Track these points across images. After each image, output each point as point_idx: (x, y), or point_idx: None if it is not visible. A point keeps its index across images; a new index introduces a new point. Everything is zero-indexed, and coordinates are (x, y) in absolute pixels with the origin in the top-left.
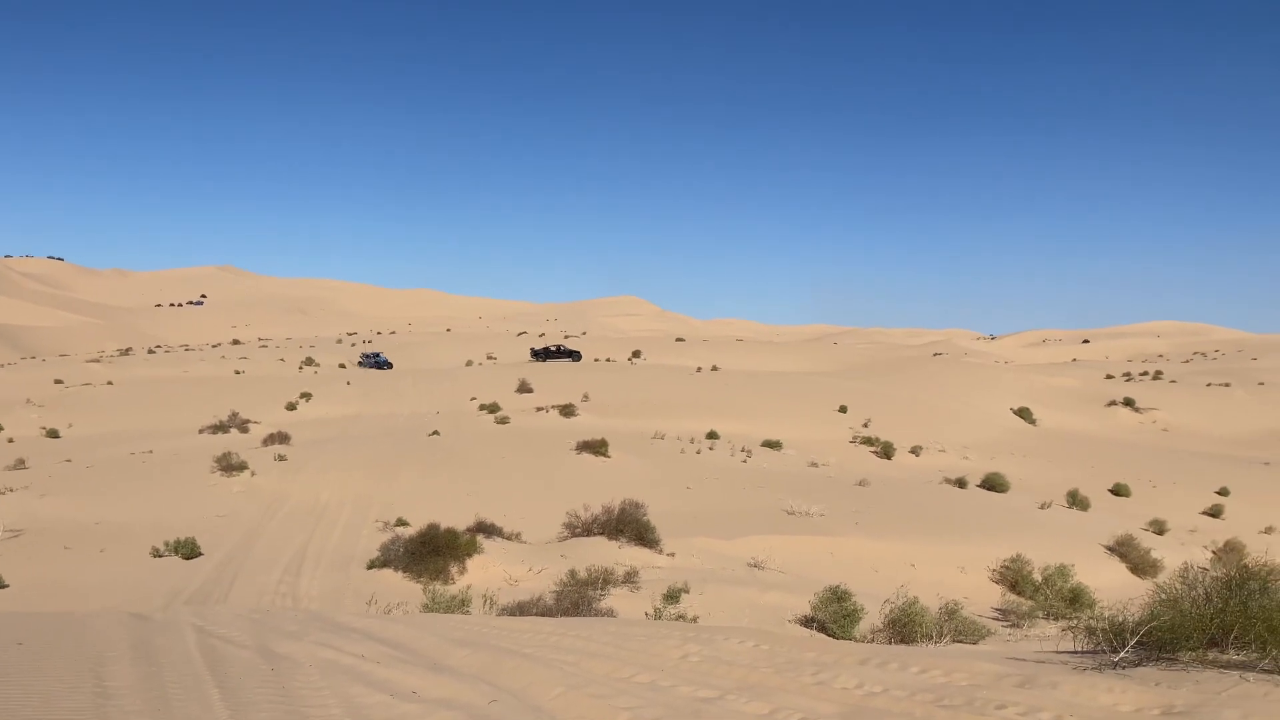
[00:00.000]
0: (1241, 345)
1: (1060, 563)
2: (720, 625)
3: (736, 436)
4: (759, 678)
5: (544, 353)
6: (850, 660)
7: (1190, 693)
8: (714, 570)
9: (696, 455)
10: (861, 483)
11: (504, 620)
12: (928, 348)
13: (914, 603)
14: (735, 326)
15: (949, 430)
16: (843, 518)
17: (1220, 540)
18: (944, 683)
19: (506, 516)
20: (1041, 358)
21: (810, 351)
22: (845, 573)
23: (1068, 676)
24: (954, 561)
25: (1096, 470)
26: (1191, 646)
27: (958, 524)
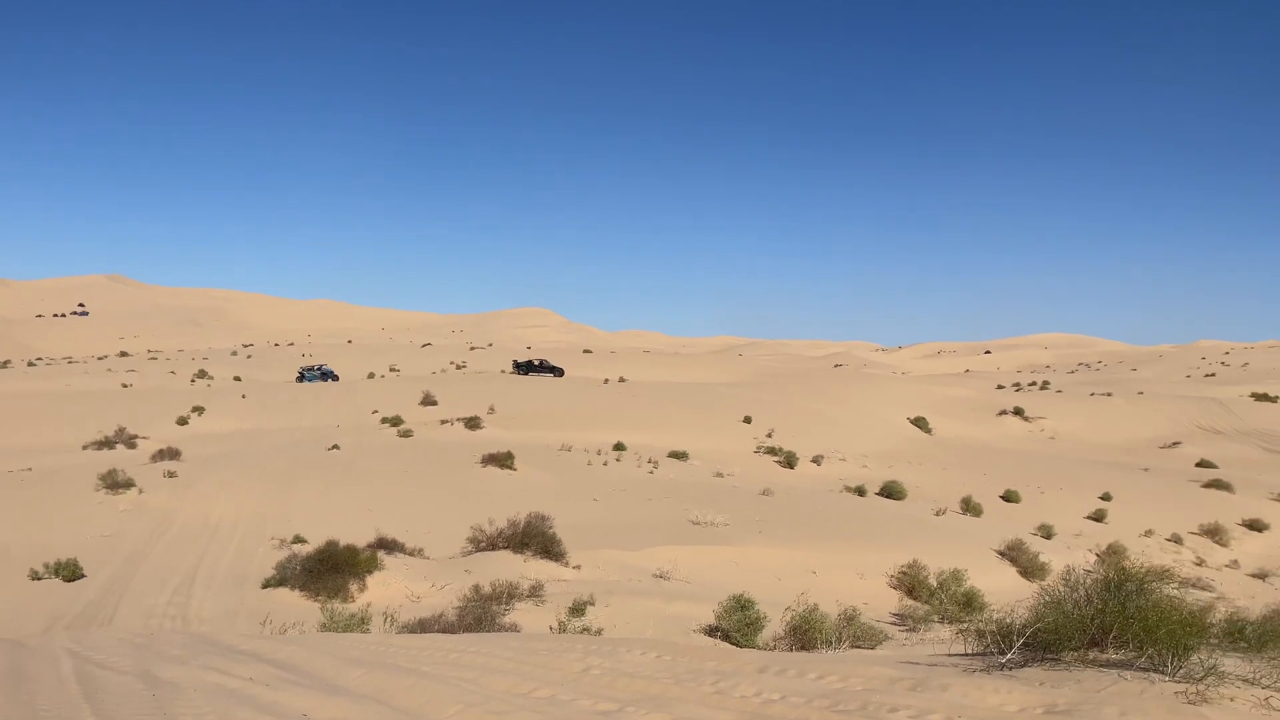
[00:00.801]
0: (1122, 357)
1: (954, 567)
2: (624, 637)
3: (643, 448)
4: (659, 689)
5: (527, 366)
6: (750, 668)
7: (1072, 692)
8: (620, 582)
9: (604, 467)
10: (765, 492)
11: (404, 638)
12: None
13: (814, 610)
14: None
15: (849, 439)
16: (747, 527)
17: (1103, 543)
18: (840, 688)
19: (409, 532)
20: (937, 369)
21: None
22: (749, 581)
23: (958, 679)
24: (854, 568)
25: (989, 477)
26: (1074, 647)
27: (857, 531)
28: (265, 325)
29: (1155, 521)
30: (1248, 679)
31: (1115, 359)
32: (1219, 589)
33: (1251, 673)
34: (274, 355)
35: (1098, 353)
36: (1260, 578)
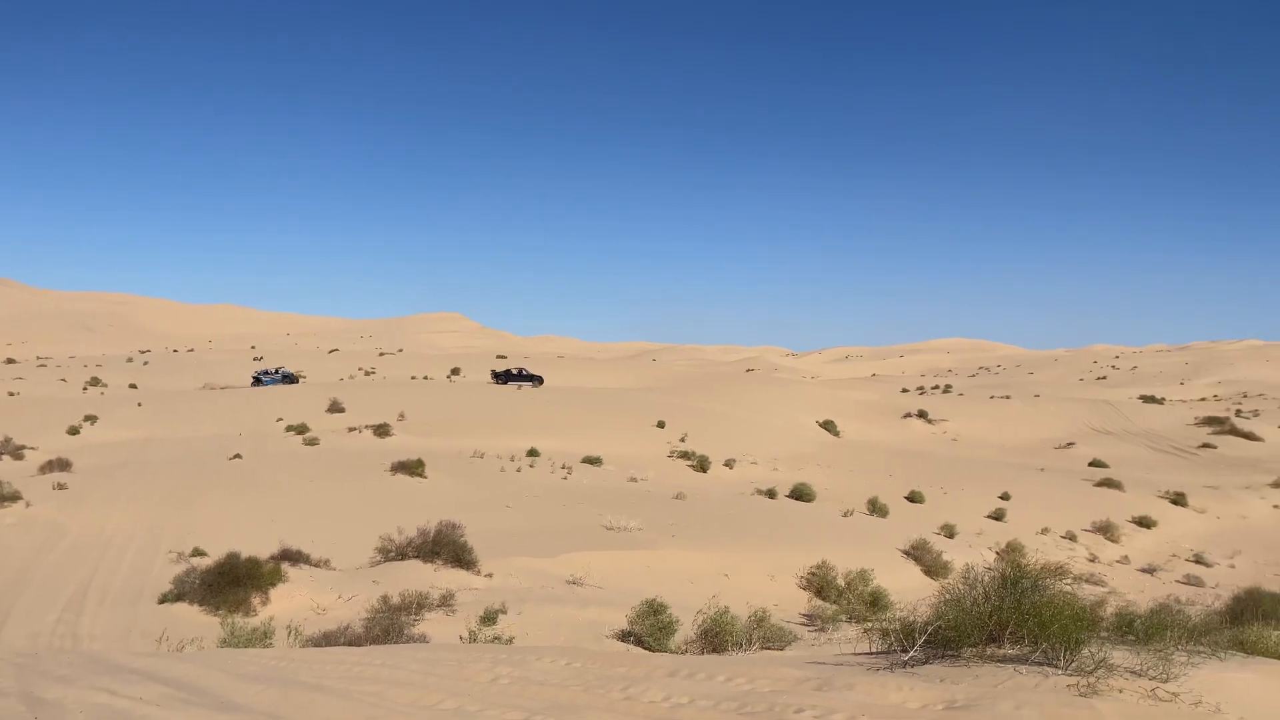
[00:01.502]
0: (1020, 361)
1: (861, 567)
2: (534, 645)
3: (557, 453)
4: (568, 696)
5: (505, 375)
6: (660, 673)
7: (970, 687)
8: (533, 589)
9: (517, 473)
10: (679, 496)
11: (306, 652)
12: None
13: (725, 612)
14: (557, 343)
15: (761, 443)
16: (660, 531)
17: (1003, 541)
18: (748, 690)
19: (315, 543)
20: (845, 373)
21: (630, 368)
22: (662, 585)
23: (862, 677)
24: (765, 570)
25: (894, 478)
26: (973, 643)
27: (768, 533)
28: (164, 331)
29: (1051, 519)
30: (1135, 671)
31: (1013, 363)
32: (1110, 584)
33: (1139, 664)
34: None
35: (997, 357)
36: (1149, 572)
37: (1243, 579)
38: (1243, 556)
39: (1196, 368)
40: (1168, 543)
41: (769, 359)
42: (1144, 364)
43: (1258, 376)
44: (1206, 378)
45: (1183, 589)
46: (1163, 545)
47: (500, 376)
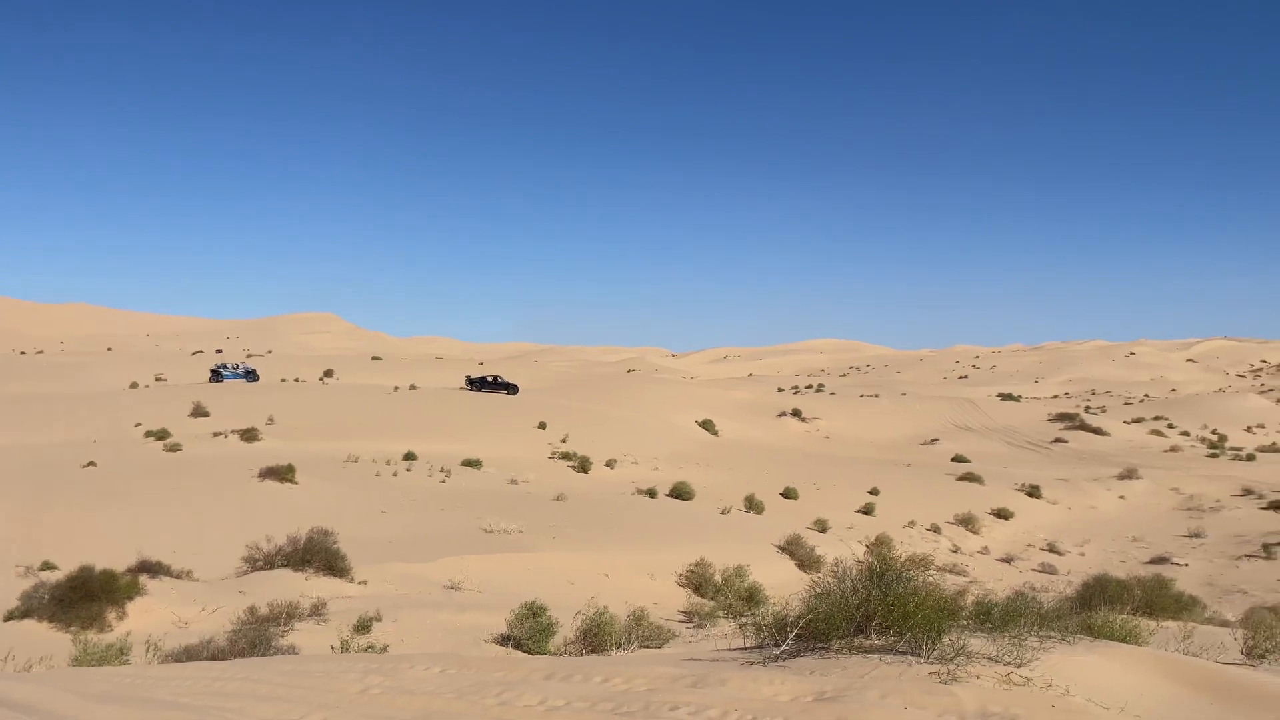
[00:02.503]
0: (889, 361)
1: (738, 564)
2: (408, 653)
3: (435, 456)
4: (441, 704)
5: (480, 382)
6: (537, 676)
7: (839, 678)
8: (409, 595)
9: (393, 477)
10: (559, 497)
11: (164, 668)
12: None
13: (604, 613)
14: (435, 344)
15: (642, 443)
16: (541, 533)
17: (872, 535)
18: (625, 690)
19: (177, 553)
20: (722, 373)
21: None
22: (543, 587)
23: (736, 672)
24: (645, 569)
25: (770, 476)
26: (842, 635)
27: (649, 532)
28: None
29: (917, 513)
30: (992, 657)
31: (883, 363)
32: (972, 574)
33: (996, 651)
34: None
35: (867, 357)
36: (1007, 561)
37: (1092, 566)
38: (1092, 544)
39: (1049, 367)
40: (1024, 533)
41: (650, 359)
42: (1002, 363)
43: (1104, 375)
44: (1058, 376)
45: (1038, 577)
46: (1019, 536)
47: (475, 383)
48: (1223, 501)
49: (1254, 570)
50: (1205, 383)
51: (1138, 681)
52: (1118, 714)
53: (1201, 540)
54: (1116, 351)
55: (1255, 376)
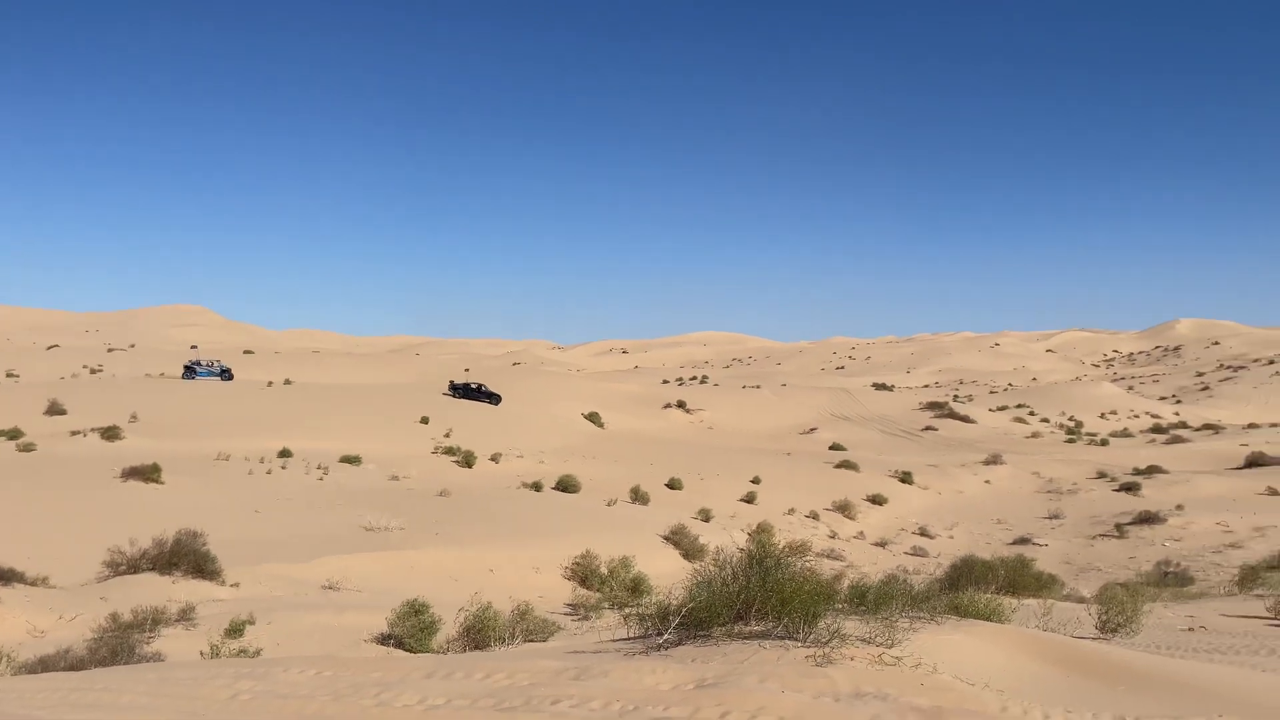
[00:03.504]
0: (770, 353)
1: (624, 555)
2: (282, 656)
3: (312, 453)
4: (316, 708)
5: (464, 389)
6: (417, 675)
7: (720, 665)
8: (285, 597)
9: (267, 475)
10: (443, 493)
11: (17, 680)
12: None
13: (488, 608)
14: (313, 337)
15: (527, 436)
16: (423, 530)
17: (754, 523)
18: (507, 685)
19: (31, 559)
20: (608, 366)
21: (393, 363)
22: (425, 585)
23: (619, 663)
24: (530, 563)
25: (656, 467)
26: (722, 622)
27: (534, 526)
28: None
29: (797, 500)
30: (866, 638)
31: (764, 354)
32: (848, 558)
33: (869, 632)
34: None
35: (749, 349)
36: (881, 545)
37: (960, 548)
38: (960, 527)
39: (921, 358)
40: (897, 518)
41: (536, 352)
42: (877, 354)
43: (971, 365)
44: (929, 366)
45: (910, 559)
46: (893, 520)
47: (459, 390)
48: (1079, 484)
49: (1108, 548)
50: (1063, 372)
51: (1001, 658)
52: (982, 689)
53: (1060, 521)
54: (983, 342)
55: (1108, 366)
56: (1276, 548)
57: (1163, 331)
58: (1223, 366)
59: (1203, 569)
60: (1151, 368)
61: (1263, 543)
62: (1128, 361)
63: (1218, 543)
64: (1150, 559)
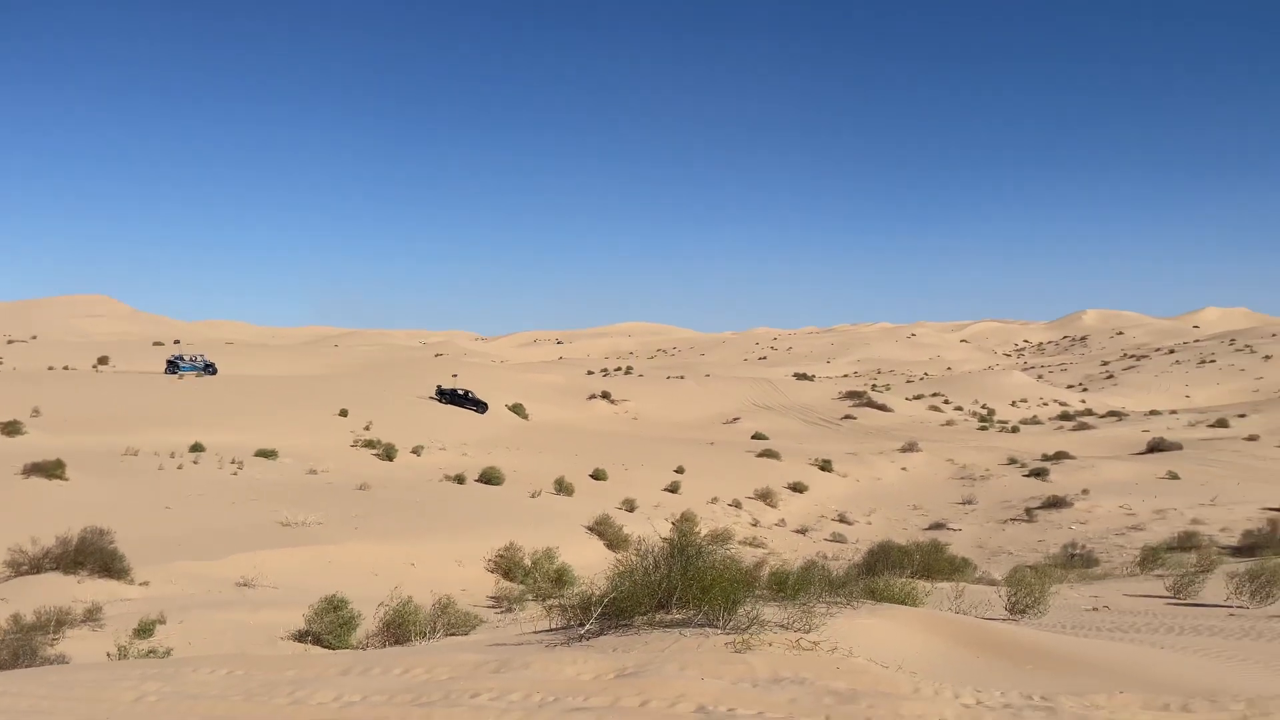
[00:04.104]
0: (694, 343)
1: (548, 546)
2: (193, 656)
3: (226, 448)
4: (226, 708)
5: (451, 395)
6: (333, 672)
7: (640, 654)
8: (197, 595)
9: (179, 471)
10: (362, 487)
11: None
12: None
13: (408, 603)
14: (225, 328)
15: (450, 429)
16: (342, 524)
17: (678, 512)
18: (426, 680)
19: None
20: (532, 356)
21: (309, 354)
22: (344, 580)
23: (540, 655)
24: (453, 556)
25: (580, 458)
26: (644, 611)
27: (457, 519)
28: None
29: (720, 489)
30: (784, 624)
31: (688, 345)
32: (770, 546)
33: (787, 619)
34: None
35: (673, 340)
36: (802, 533)
37: (877, 534)
38: (877, 514)
39: (840, 348)
40: (817, 505)
41: (458, 343)
42: (798, 345)
43: (889, 355)
44: (848, 356)
45: (829, 546)
46: (813, 507)
47: (445, 395)
48: (991, 470)
49: (1018, 532)
50: (977, 361)
51: (915, 640)
52: (895, 671)
53: (973, 506)
54: (900, 333)
55: (1019, 355)
56: (1176, 529)
57: (1070, 322)
58: (1126, 356)
59: (1107, 551)
60: (1060, 357)
61: (1163, 525)
62: (1037, 351)
63: (1121, 525)
64: (1058, 542)
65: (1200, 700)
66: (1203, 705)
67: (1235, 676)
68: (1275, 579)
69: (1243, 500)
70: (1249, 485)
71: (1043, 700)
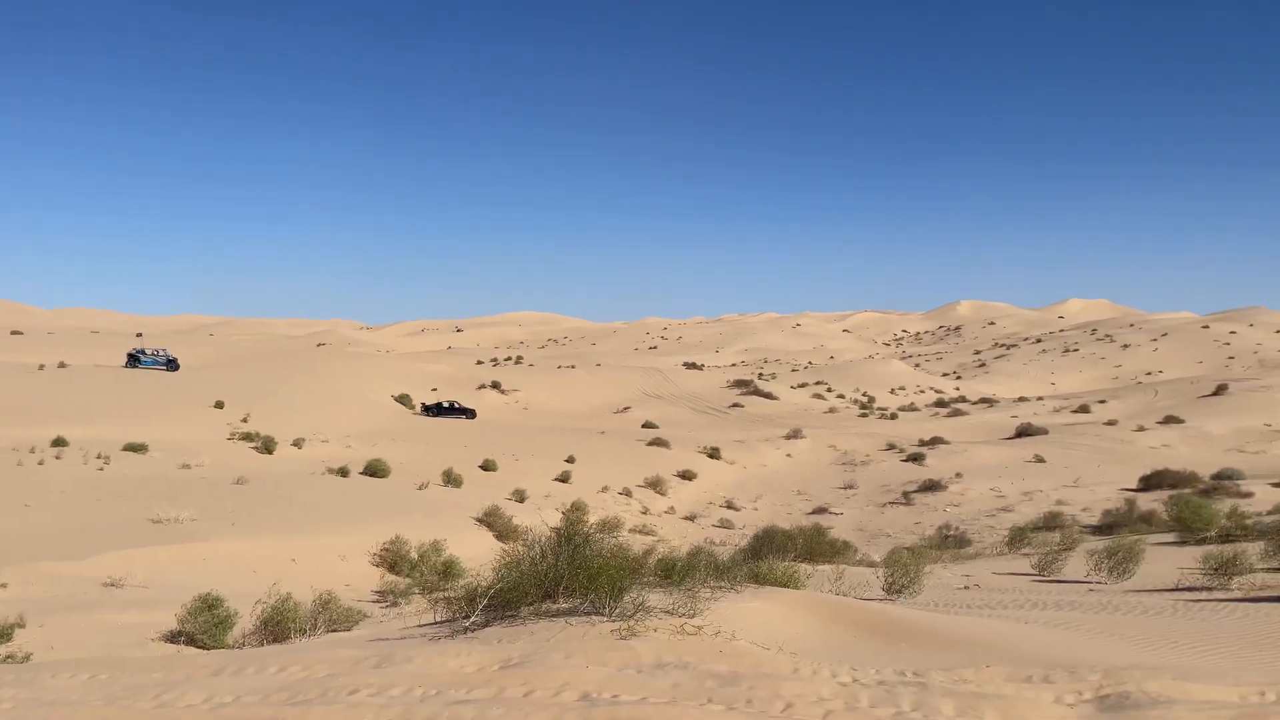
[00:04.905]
0: (585, 333)
1: (435, 539)
2: (52, 660)
3: (91, 442)
4: (87, 713)
5: (437, 408)
6: (204, 673)
7: (526, 644)
8: (60, 597)
9: (39, 467)
10: (240, 481)
11: None
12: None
13: (287, 599)
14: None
15: (333, 420)
16: (218, 520)
17: (568, 501)
18: (302, 678)
19: None
20: (420, 346)
21: (183, 344)
22: (220, 578)
23: (423, 649)
24: (336, 551)
25: (469, 449)
26: (531, 601)
27: (340, 513)
28: None
29: (611, 478)
30: (669, 610)
31: (579, 335)
32: (659, 533)
33: (673, 604)
34: None
35: (564, 329)
36: (691, 519)
37: (764, 519)
38: (764, 499)
39: (728, 337)
40: (706, 492)
41: (341, 332)
42: (688, 334)
43: (775, 344)
44: (736, 346)
45: (717, 532)
46: (702, 494)
47: (431, 410)
48: (871, 456)
49: (896, 515)
50: (858, 350)
51: (796, 622)
52: (776, 653)
53: (854, 491)
54: (785, 323)
55: (898, 344)
56: (1042, 510)
57: (945, 313)
58: (997, 345)
59: (978, 531)
60: (935, 346)
61: (1030, 506)
62: (915, 340)
63: (991, 507)
64: (933, 523)
65: (1060, 671)
66: (1063, 676)
67: (1093, 648)
68: (1131, 556)
69: (1102, 481)
70: (1108, 467)
71: (915, 676)
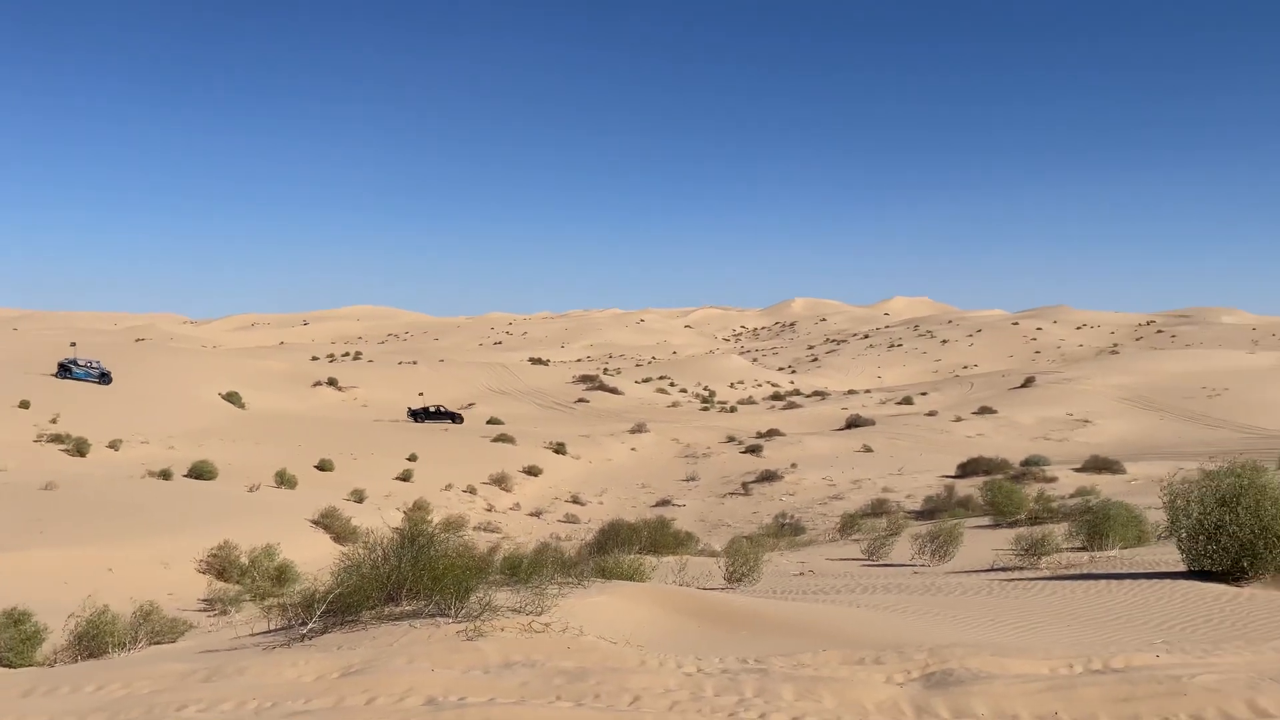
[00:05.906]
0: (427, 328)
1: (268, 543)
2: None
3: None
4: None
5: (423, 413)
6: (12, 694)
7: (368, 650)
8: None
9: None
10: (49, 486)
11: None
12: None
13: (104, 612)
14: None
15: (154, 420)
16: (24, 528)
17: (411, 501)
18: (124, 695)
19: None
20: (251, 341)
21: None
22: (28, 591)
23: (257, 659)
24: (158, 558)
25: (304, 448)
26: (372, 605)
27: (162, 518)
28: None
29: (455, 476)
30: (516, 608)
31: (421, 330)
32: (505, 530)
33: (520, 602)
34: None
35: (405, 324)
36: (537, 516)
37: (609, 513)
38: (609, 493)
39: (574, 333)
40: (551, 487)
41: (163, 327)
42: (533, 330)
43: (619, 340)
44: (581, 341)
45: (563, 527)
46: (548, 490)
47: (418, 415)
48: (712, 448)
49: (736, 505)
50: (699, 346)
51: (642, 614)
52: (623, 646)
53: (696, 483)
54: (629, 319)
55: (737, 340)
56: (870, 497)
57: (781, 309)
58: (829, 340)
59: (812, 519)
60: (772, 341)
61: (859, 494)
62: (753, 336)
63: (824, 495)
64: (770, 513)
65: (890, 652)
66: (892, 656)
67: (919, 629)
68: (951, 539)
69: (924, 469)
70: (929, 455)
71: (756, 663)
